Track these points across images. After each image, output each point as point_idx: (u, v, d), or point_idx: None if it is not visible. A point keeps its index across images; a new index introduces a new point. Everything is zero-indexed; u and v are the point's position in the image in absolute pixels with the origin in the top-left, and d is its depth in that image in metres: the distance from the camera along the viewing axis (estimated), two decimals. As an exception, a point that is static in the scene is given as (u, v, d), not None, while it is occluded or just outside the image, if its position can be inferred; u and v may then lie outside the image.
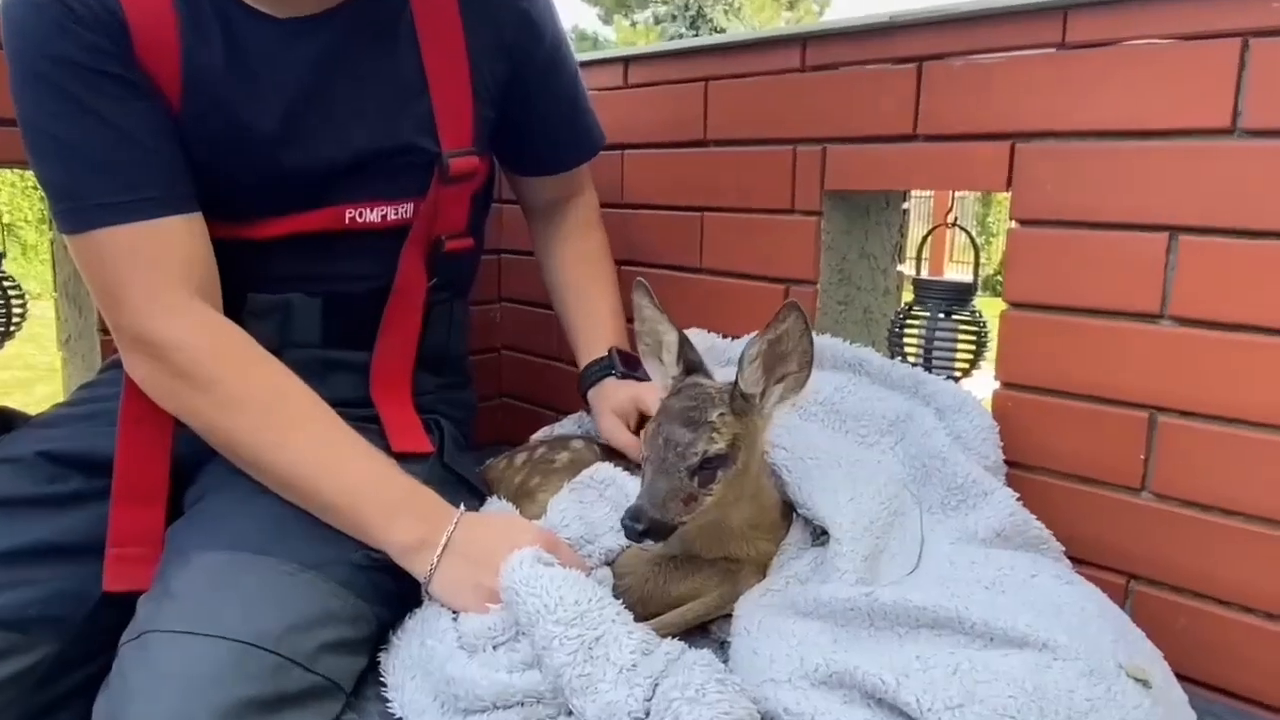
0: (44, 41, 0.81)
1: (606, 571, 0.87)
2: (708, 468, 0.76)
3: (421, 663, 0.77)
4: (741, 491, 0.81)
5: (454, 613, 0.80)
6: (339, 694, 0.75)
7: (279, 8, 0.88)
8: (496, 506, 0.96)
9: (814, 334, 0.81)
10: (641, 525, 0.73)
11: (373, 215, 0.95)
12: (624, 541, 0.85)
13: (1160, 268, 0.87)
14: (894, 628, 0.70)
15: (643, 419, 0.99)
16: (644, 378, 1.03)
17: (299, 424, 0.86)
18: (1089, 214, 0.91)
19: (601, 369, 1.08)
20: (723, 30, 17.78)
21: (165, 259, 0.85)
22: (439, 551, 0.81)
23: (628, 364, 1.07)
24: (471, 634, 0.76)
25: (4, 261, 1.25)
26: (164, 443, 0.88)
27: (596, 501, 0.90)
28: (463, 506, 0.86)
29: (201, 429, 0.86)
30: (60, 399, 1.09)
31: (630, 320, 0.94)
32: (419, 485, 0.86)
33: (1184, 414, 0.87)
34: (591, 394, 1.07)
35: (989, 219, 10.33)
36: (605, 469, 0.92)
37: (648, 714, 0.65)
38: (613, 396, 1.04)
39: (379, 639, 0.83)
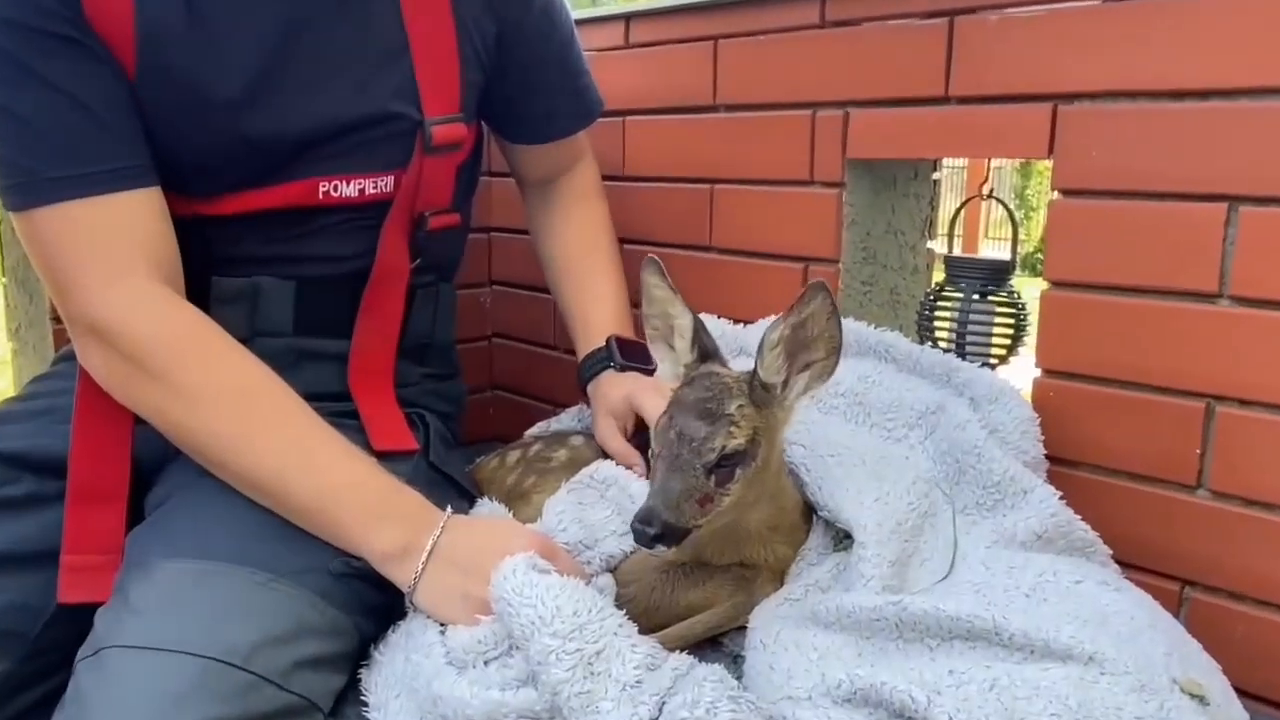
0: None
1: (608, 579, 0.86)
2: (726, 465, 0.75)
3: (406, 680, 0.77)
4: (761, 491, 0.81)
5: (441, 626, 0.79)
6: (316, 714, 0.75)
7: None
8: (487, 509, 0.96)
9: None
10: (654, 529, 0.72)
11: (349, 189, 0.96)
12: (627, 546, 0.85)
13: (1219, 242, 0.86)
14: (924, 640, 0.70)
15: (640, 423, 0.98)
16: (648, 368, 1.03)
17: (269, 420, 0.86)
18: (1139, 183, 0.91)
19: (599, 361, 1.08)
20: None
21: (121, 238, 0.85)
22: (424, 558, 0.81)
23: (628, 354, 1.06)
24: (460, 648, 0.76)
25: None
26: (123, 440, 0.89)
27: (597, 503, 0.90)
28: (450, 510, 0.86)
29: (162, 426, 0.86)
30: (10, 393, 1.09)
31: (636, 305, 0.94)
32: (402, 486, 0.86)
33: (1244, 403, 0.87)
34: (590, 388, 1.07)
35: (1028, 191, 10.33)
36: (606, 467, 0.93)
37: None
38: (609, 395, 1.03)
39: (360, 654, 0.83)
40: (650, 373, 1.04)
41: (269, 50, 0.91)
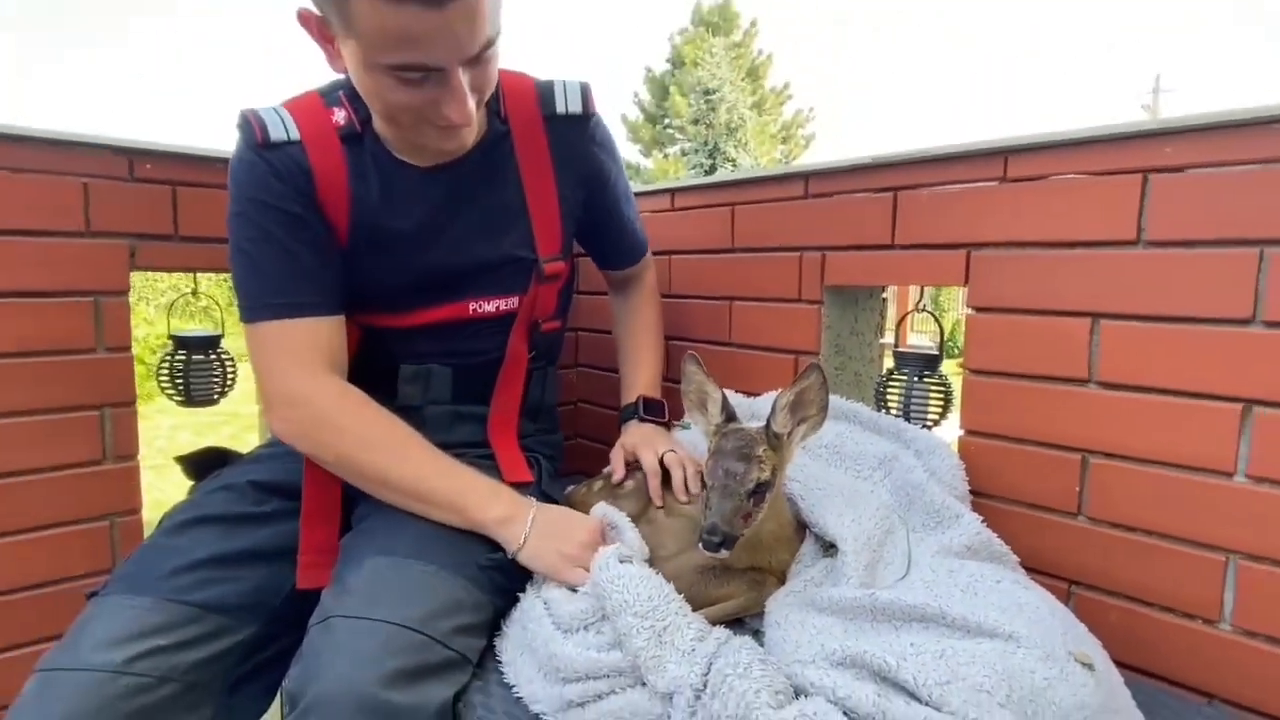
0: (249, 188, 0.85)
1: (615, 513, 0.88)
2: (758, 491, 0.76)
3: (526, 642, 0.78)
4: (773, 510, 0.81)
5: (545, 601, 0.80)
6: (468, 667, 0.76)
7: (420, 159, 0.91)
8: (601, 511, 0.93)
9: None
10: (717, 538, 0.72)
11: (489, 307, 0.97)
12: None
13: (1086, 344, 0.87)
14: (891, 621, 0.69)
15: (635, 459, 1.00)
16: (660, 420, 1.07)
17: (409, 445, 0.86)
18: (1028, 303, 0.92)
19: (629, 412, 1.09)
20: (733, 159, 18.02)
21: (308, 344, 0.86)
22: (528, 528, 0.83)
23: (649, 409, 1.08)
24: (566, 617, 0.76)
25: (223, 340, 1.29)
26: (336, 480, 0.89)
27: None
28: (534, 500, 0.88)
29: (335, 461, 0.86)
30: (259, 441, 1.13)
31: (675, 381, 0.94)
32: (502, 484, 0.88)
33: (1108, 455, 0.87)
34: (622, 428, 1.09)
35: (940, 298, 10.26)
36: (610, 511, 0.90)
37: (705, 686, 0.64)
38: (627, 434, 1.05)
39: (495, 624, 0.83)
40: (660, 422, 1.07)
41: (437, 214, 0.92)
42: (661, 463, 0.96)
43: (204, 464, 0.99)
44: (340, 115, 0.89)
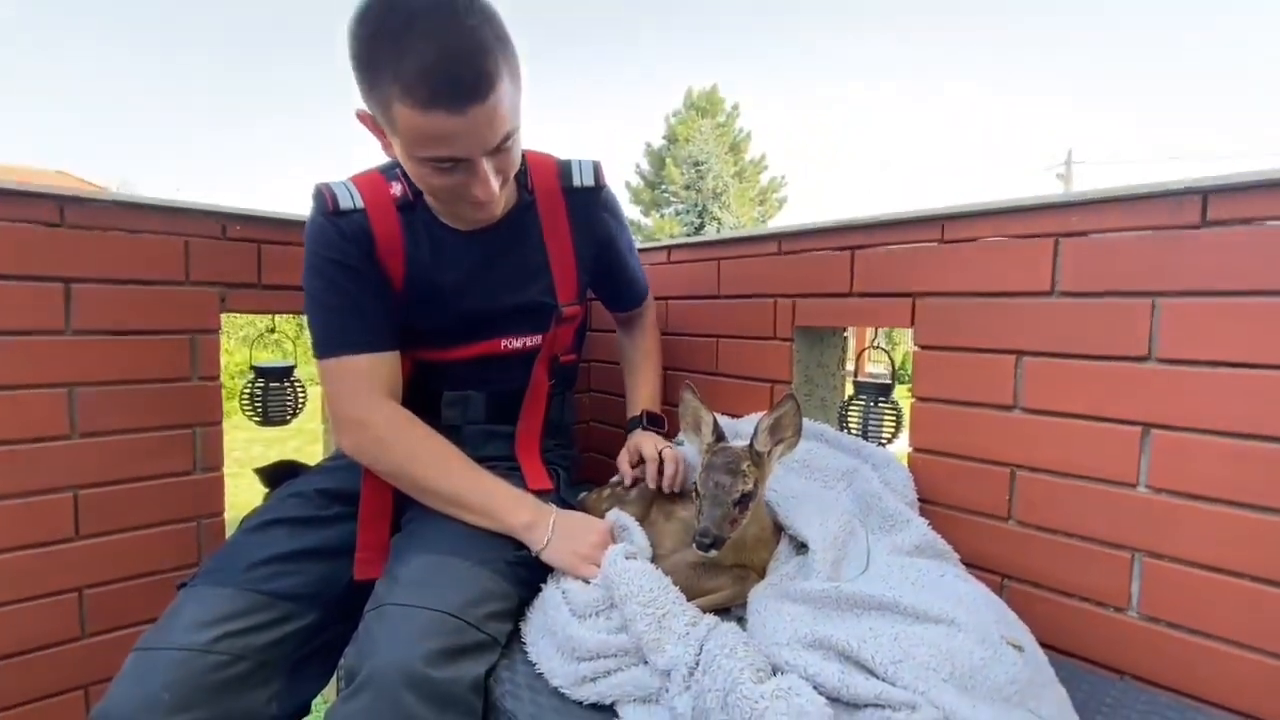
0: (322, 247, 0.86)
1: (625, 518, 0.87)
2: (743, 501, 0.76)
3: (547, 626, 0.77)
4: (755, 516, 0.81)
5: (563, 590, 0.79)
6: (497, 647, 0.75)
7: (461, 225, 0.92)
8: (614, 516, 0.93)
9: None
10: (709, 540, 0.72)
11: (517, 344, 0.97)
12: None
13: (1011, 376, 0.88)
14: (853, 609, 0.69)
15: (640, 455, 1.01)
16: (661, 431, 1.07)
17: (450, 460, 0.86)
18: (964, 342, 0.93)
19: (634, 423, 1.10)
20: (718, 218, 18.18)
21: (368, 376, 0.87)
22: (550, 532, 0.82)
23: (651, 421, 1.09)
24: (581, 604, 0.76)
25: (296, 370, 1.30)
26: (388, 487, 0.89)
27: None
28: (554, 507, 0.88)
29: (389, 470, 0.86)
30: (323, 454, 1.13)
31: (672, 404, 0.94)
32: (527, 494, 0.88)
33: (1032, 469, 0.87)
34: (627, 438, 1.09)
35: (892, 334, 10.25)
36: (621, 515, 0.91)
37: (698, 664, 0.64)
38: (632, 440, 1.05)
39: (520, 611, 0.82)
40: (660, 432, 1.07)
41: (475, 269, 0.93)
42: (659, 456, 0.97)
43: (277, 474, 0.99)
44: (397, 189, 0.90)
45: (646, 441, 1.00)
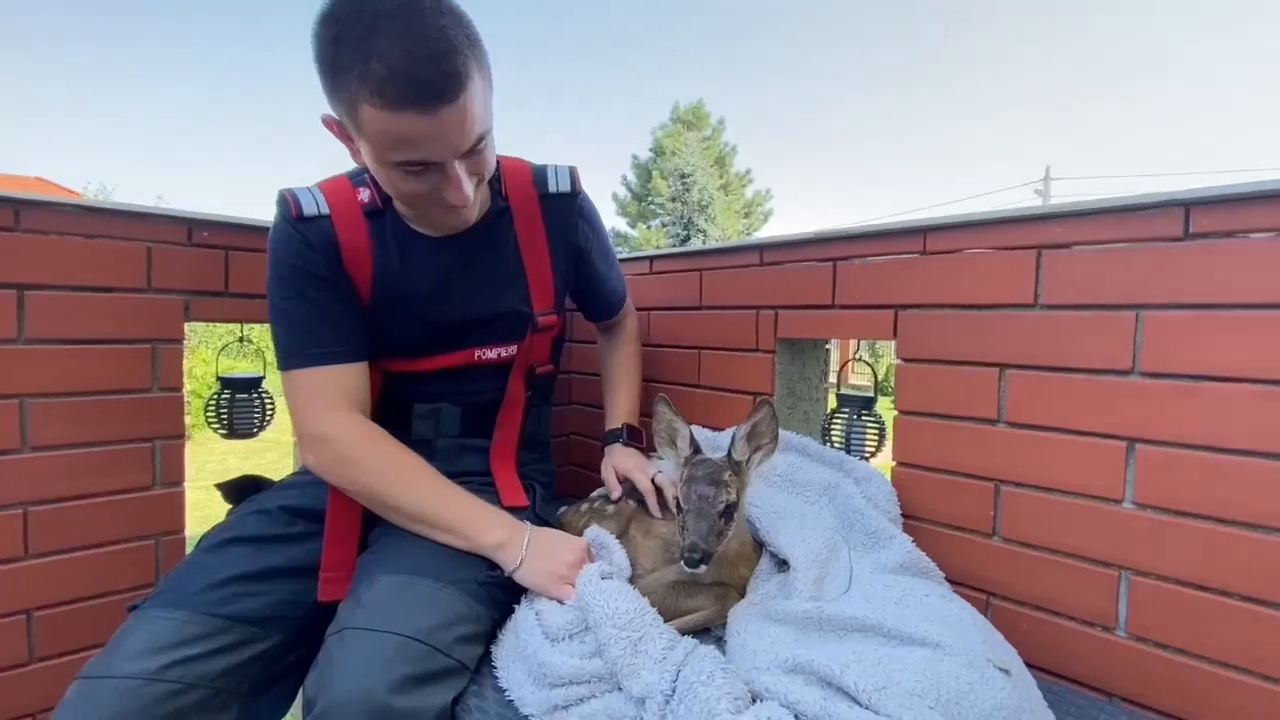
0: (286, 255, 0.84)
1: (606, 535, 0.86)
2: (727, 511, 0.75)
3: (519, 649, 0.74)
4: (737, 528, 0.79)
5: (536, 611, 0.76)
6: (466, 673, 0.72)
7: (432, 231, 0.90)
8: (591, 534, 0.90)
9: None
10: (698, 555, 0.71)
11: (491, 354, 0.95)
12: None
13: (995, 390, 0.87)
14: (836, 631, 0.67)
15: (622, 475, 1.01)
16: (640, 445, 1.05)
17: (419, 476, 0.83)
18: (947, 355, 0.92)
19: (614, 436, 1.08)
20: (704, 229, 18.35)
21: (335, 388, 0.84)
22: (524, 550, 0.80)
23: (631, 436, 1.08)
24: (554, 627, 0.73)
25: (264, 381, 1.26)
26: (356, 506, 0.86)
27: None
28: (530, 524, 0.85)
29: (355, 488, 0.83)
30: (292, 470, 1.09)
31: (644, 414, 0.92)
32: (501, 510, 0.85)
33: (1017, 484, 0.86)
34: (607, 450, 1.08)
35: (876, 346, 10.34)
36: (600, 533, 0.88)
37: (674, 691, 0.61)
38: (613, 455, 1.05)
39: (492, 634, 0.79)
40: (639, 447, 1.06)
41: (446, 277, 0.91)
42: (655, 484, 0.96)
43: (240, 490, 0.95)
44: (365, 194, 0.88)
45: (637, 470, 0.99)
